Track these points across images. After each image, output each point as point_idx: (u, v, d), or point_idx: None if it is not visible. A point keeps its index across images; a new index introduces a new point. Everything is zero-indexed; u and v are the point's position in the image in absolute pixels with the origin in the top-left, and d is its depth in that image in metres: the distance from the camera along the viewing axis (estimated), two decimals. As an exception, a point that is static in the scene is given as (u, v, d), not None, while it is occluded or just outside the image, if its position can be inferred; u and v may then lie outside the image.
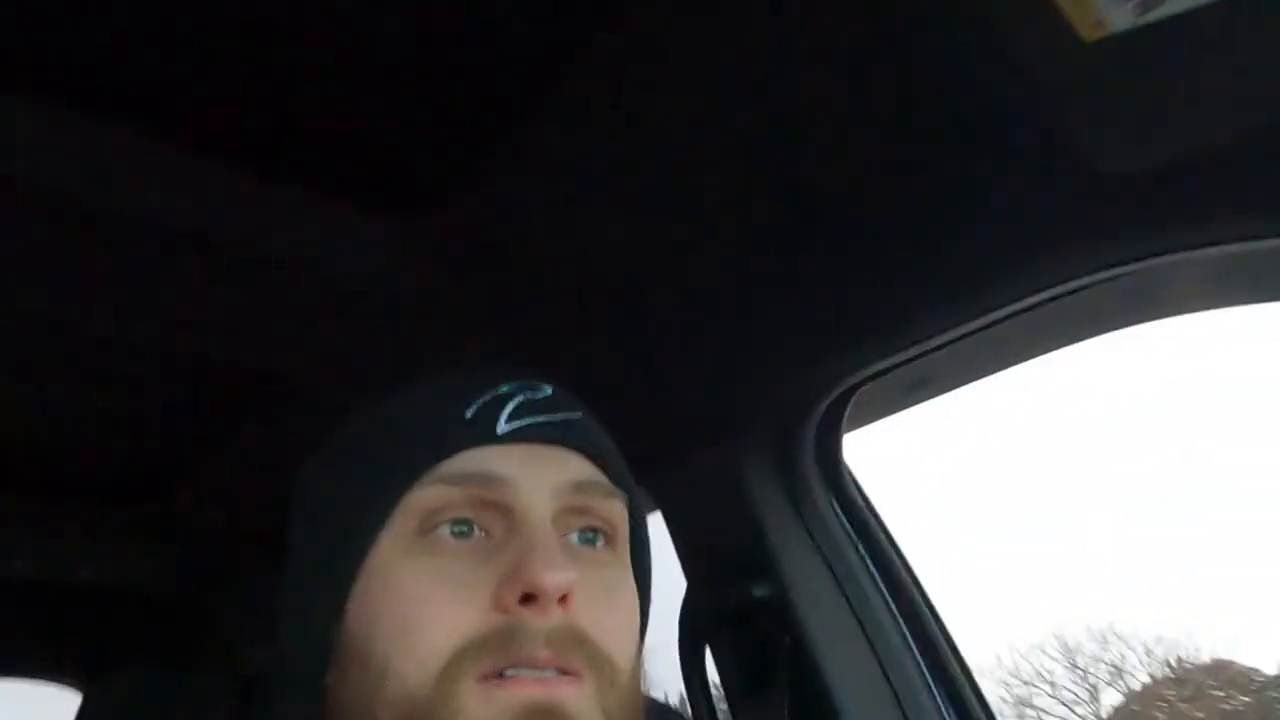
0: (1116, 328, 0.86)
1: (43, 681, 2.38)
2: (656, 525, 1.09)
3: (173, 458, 1.47)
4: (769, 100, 0.73)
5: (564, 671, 0.50)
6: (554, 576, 0.50)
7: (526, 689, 0.49)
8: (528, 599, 0.50)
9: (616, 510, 0.58)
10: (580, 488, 0.56)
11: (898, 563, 1.03)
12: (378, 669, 0.51)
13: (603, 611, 0.54)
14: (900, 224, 0.83)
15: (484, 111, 0.74)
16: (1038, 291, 0.81)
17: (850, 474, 1.05)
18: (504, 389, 0.57)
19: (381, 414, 0.59)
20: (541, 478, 0.55)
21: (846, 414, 1.01)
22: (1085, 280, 0.78)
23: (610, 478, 0.58)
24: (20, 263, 0.89)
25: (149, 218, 0.80)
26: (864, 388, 0.98)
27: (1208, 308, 0.79)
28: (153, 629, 2.11)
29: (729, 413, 1.03)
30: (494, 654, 0.49)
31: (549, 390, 0.59)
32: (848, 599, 1.00)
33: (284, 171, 0.78)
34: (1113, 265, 0.75)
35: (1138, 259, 0.74)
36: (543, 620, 0.50)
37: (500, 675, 0.49)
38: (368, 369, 0.62)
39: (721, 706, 1.08)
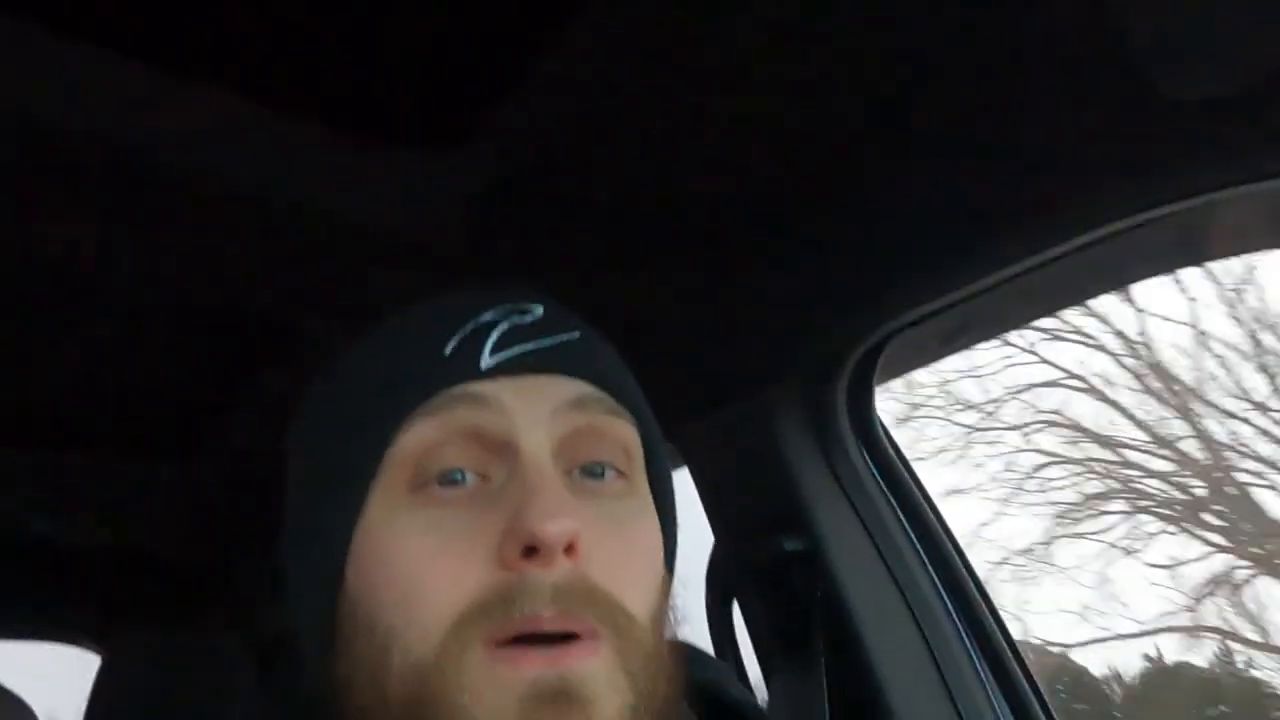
0: (1164, 271, 0.83)
1: (64, 644, 2.41)
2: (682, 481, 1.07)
3: (191, 415, 1.46)
4: (799, 38, 0.70)
5: (576, 635, 0.46)
6: (554, 526, 0.45)
7: (535, 666, 0.45)
8: (530, 551, 0.46)
9: (625, 432, 0.53)
10: (581, 405, 0.51)
11: (931, 516, 1.01)
12: (382, 639, 0.47)
13: (616, 555, 0.49)
14: (934, 168, 0.81)
15: (501, 44, 0.70)
16: (1081, 234, 0.78)
17: (883, 426, 1.03)
18: (486, 317, 0.52)
19: (355, 360, 0.55)
20: (536, 408, 0.50)
21: (880, 365, 0.99)
22: (1129, 221, 0.75)
23: (615, 397, 0.53)
24: (31, 212, 0.87)
25: (164, 163, 0.78)
26: (898, 338, 0.96)
27: (1268, 247, 0.76)
28: (173, 591, 2.12)
29: (760, 365, 1.01)
30: (499, 616, 0.46)
31: (539, 311, 0.53)
32: (880, 552, 0.98)
33: (302, 112, 0.76)
34: (1162, 202, 0.73)
35: (1190, 195, 0.71)
36: (547, 574, 0.46)
37: (509, 643, 0.45)
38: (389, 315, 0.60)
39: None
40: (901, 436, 1.07)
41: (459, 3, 0.68)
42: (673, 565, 0.57)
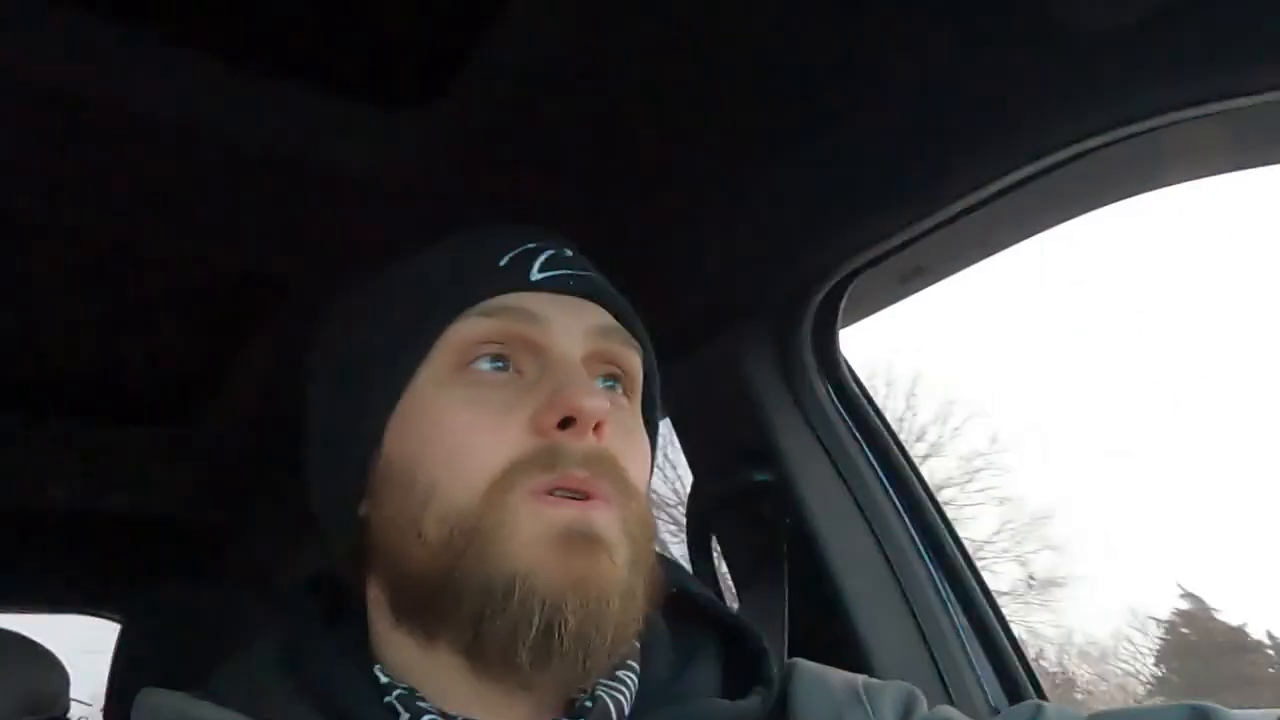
0: (1116, 199, 0.87)
1: (85, 614, 2.47)
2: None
3: (196, 376, 1.51)
4: None
5: (595, 496, 0.54)
6: (592, 402, 0.54)
7: (568, 510, 0.53)
8: (566, 423, 0.54)
9: (635, 361, 0.62)
10: (606, 333, 0.60)
11: (893, 447, 1.07)
12: (423, 489, 0.54)
13: (626, 446, 0.58)
14: (885, 106, 0.85)
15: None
16: (1030, 163, 0.81)
17: (847, 365, 1.09)
18: (532, 245, 0.61)
19: (412, 268, 0.62)
20: (572, 321, 0.59)
21: (842, 306, 1.04)
22: (1075, 149, 0.78)
23: (631, 332, 0.63)
24: (29, 174, 0.91)
25: (161, 122, 0.82)
26: (858, 279, 1.01)
27: (1209, 173, 0.79)
28: (187, 551, 2.18)
29: (728, 306, 1.06)
30: (538, 472, 0.53)
31: (569, 250, 0.63)
32: (845, 481, 1.04)
33: (294, 70, 0.80)
34: (1105, 130, 0.76)
35: (1130, 121, 0.74)
36: (580, 443, 0.54)
37: (547, 494, 0.53)
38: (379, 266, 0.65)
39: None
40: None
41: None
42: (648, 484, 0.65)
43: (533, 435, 0.54)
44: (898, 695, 0.61)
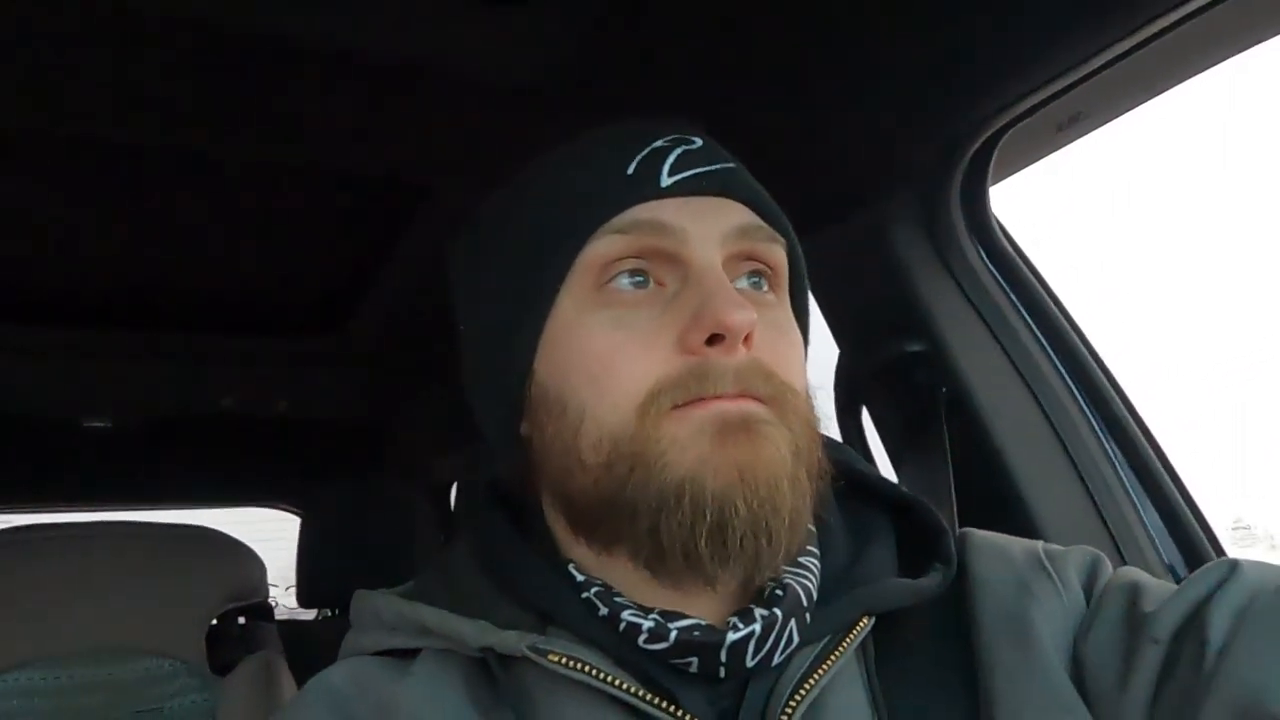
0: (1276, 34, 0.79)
1: (267, 506, 2.71)
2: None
3: (342, 287, 1.57)
4: None
5: (748, 397, 0.53)
6: (739, 315, 0.52)
7: (719, 405, 0.52)
8: (714, 339, 0.52)
9: (778, 254, 0.60)
10: (745, 233, 0.57)
11: (1051, 307, 1.02)
12: (574, 415, 0.55)
13: (778, 348, 0.56)
14: None
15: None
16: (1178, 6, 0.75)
17: (999, 223, 1.04)
18: (660, 143, 0.58)
19: (540, 181, 0.61)
20: (709, 227, 0.56)
21: (994, 161, 0.99)
22: None
23: (770, 223, 0.60)
24: (178, 104, 0.94)
25: (284, 36, 0.83)
26: (1011, 131, 0.95)
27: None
28: (350, 449, 2.33)
29: (873, 173, 1.02)
30: (687, 390, 0.52)
31: (701, 141, 0.59)
32: (1002, 346, 1.01)
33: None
34: None
35: None
36: (730, 358, 0.52)
37: (694, 403, 0.52)
38: (517, 169, 0.64)
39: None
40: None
41: None
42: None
43: (681, 354, 0.53)
44: (1082, 560, 0.60)
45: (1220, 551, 0.97)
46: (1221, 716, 0.47)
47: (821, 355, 1.11)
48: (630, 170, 0.57)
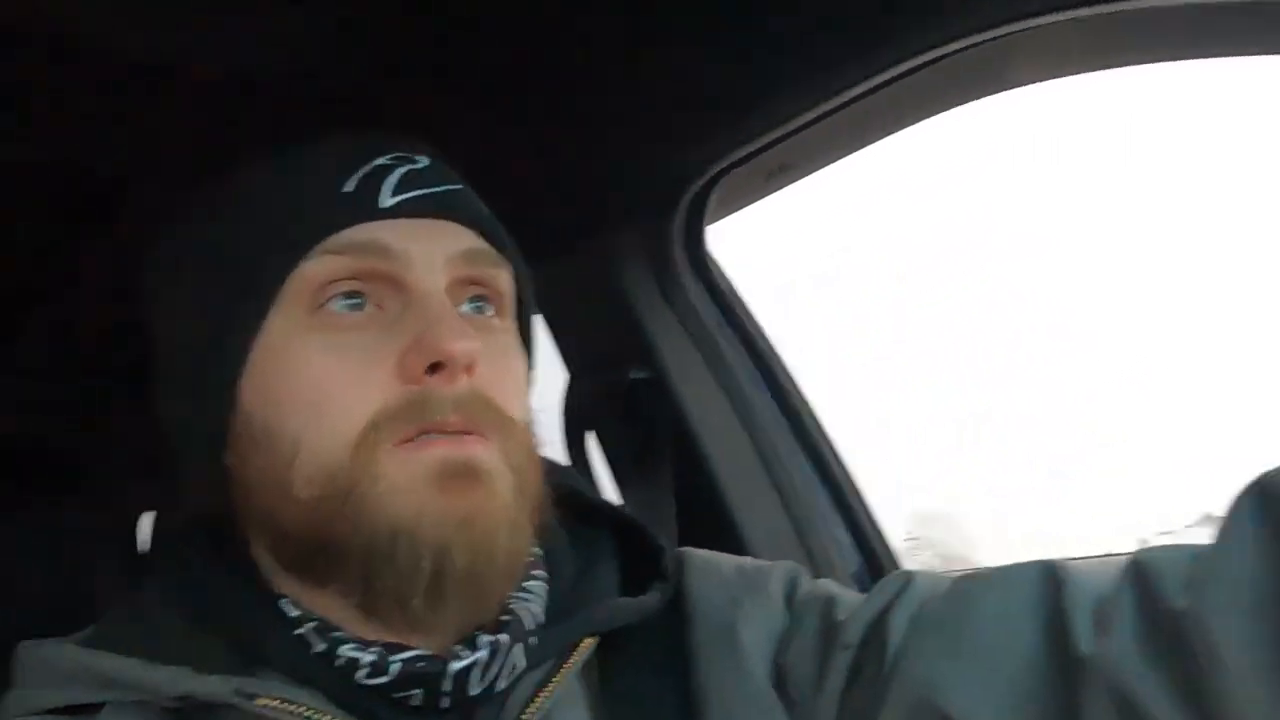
0: (970, 100, 0.90)
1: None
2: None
3: (19, 294, 1.39)
4: None
5: (472, 433, 0.52)
6: (461, 344, 0.51)
7: (441, 448, 0.51)
8: (436, 368, 0.51)
9: (504, 279, 0.59)
10: (470, 258, 0.56)
11: (762, 342, 1.11)
12: (288, 446, 0.51)
13: (500, 376, 0.56)
14: (750, 11, 0.84)
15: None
16: (889, 68, 0.84)
17: (715, 262, 1.11)
18: (383, 160, 0.56)
19: (250, 191, 0.57)
20: (432, 249, 0.55)
21: (711, 202, 1.06)
22: (932, 54, 0.81)
23: (496, 247, 0.59)
24: None
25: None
26: (726, 176, 1.03)
27: (1057, 76, 0.84)
28: (17, 475, 2.04)
29: (599, 209, 1.06)
30: (407, 422, 0.51)
31: (427, 160, 0.58)
32: (718, 376, 1.08)
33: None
34: (965, 35, 0.79)
35: (981, 29, 0.77)
36: (450, 388, 0.51)
37: (414, 440, 0.51)
38: (224, 167, 0.60)
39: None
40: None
41: None
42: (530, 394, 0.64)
43: (400, 382, 0.51)
44: (784, 574, 0.65)
45: (897, 563, 1.09)
46: (899, 711, 0.52)
47: (550, 378, 1.13)
48: (349, 187, 0.54)
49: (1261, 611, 0.40)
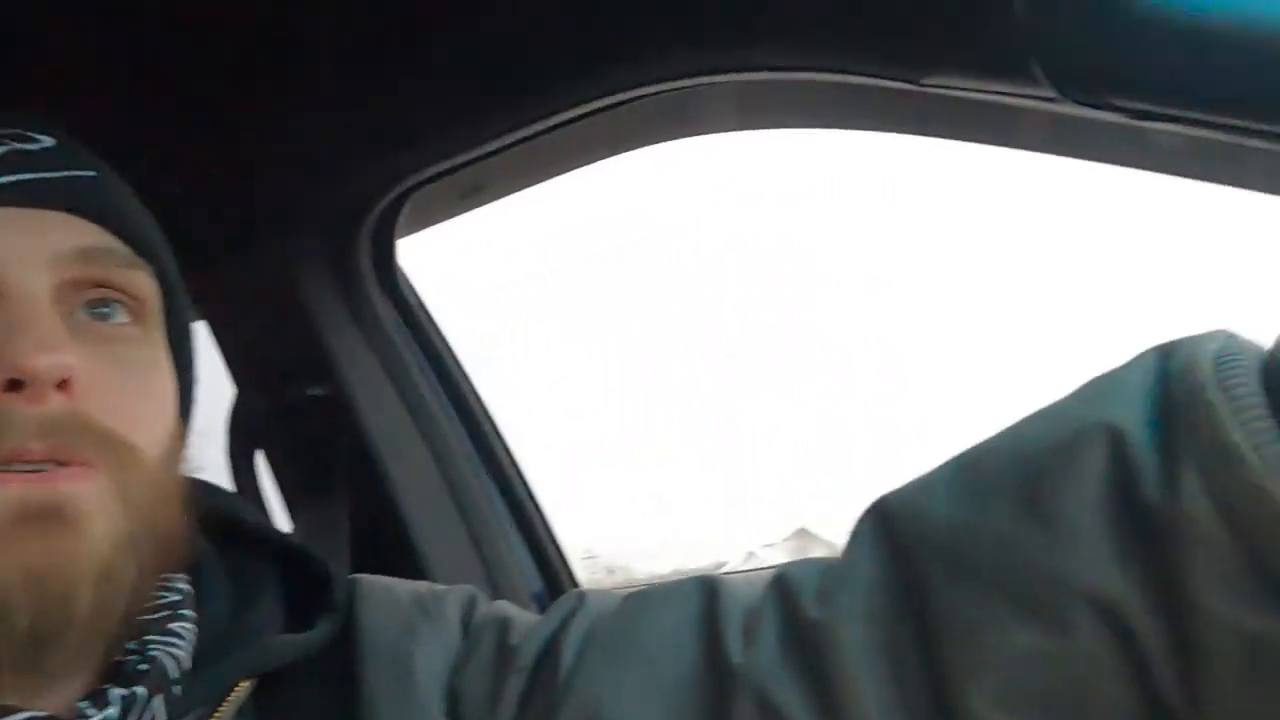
0: (658, 141, 0.96)
1: None
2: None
3: None
4: None
5: (68, 463, 0.45)
6: (47, 359, 0.44)
7: (19, 487, 0.44)
8: (15, 385, 0.44)
9: (141, 283, 0.52)
10: (89, 256, 0.49)
11: (449, 360, 1.10)
12: None
13: (120, 395, 0.49)
14: (452, 28, 0.84)
15: None
16: (579, 105, 0.87)
17: (405, 277, 1.09)
18: None
19: None
20: (36, 245, 0.48)
21: (401, 218, 1.03)
22: (635, 93, 0.85)
23: (133, 247, 0.52)
24: None
25: None
26: (418, 192, 1.01)
27: (740, 129, 0.91)
28: None
29: (280, 215, 1.00)
30: None
31: (50, 142, 0.50)
32: (402, 392, 1.05)
33: None
34: (654, 81, 0.83)
35: (676, 78, 0.81)
36: (36, 409, 0.44)
37: None
38: None
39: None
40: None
41: None
42: (189, 416, 0.58)
43: None
44: (460, 598, 0.64)
45: (576, 583, 1.11)
46: None
47: (217, 395, 1.05)
48: None
49: (878, 619, 0.45)
